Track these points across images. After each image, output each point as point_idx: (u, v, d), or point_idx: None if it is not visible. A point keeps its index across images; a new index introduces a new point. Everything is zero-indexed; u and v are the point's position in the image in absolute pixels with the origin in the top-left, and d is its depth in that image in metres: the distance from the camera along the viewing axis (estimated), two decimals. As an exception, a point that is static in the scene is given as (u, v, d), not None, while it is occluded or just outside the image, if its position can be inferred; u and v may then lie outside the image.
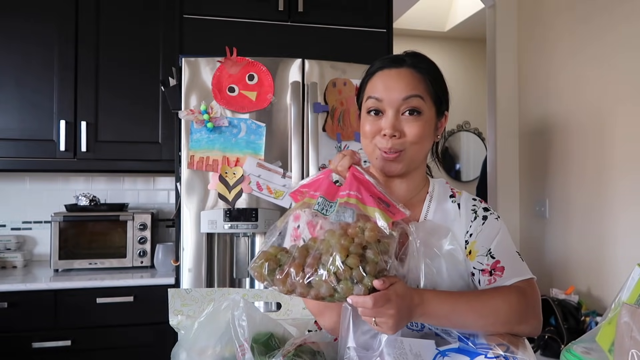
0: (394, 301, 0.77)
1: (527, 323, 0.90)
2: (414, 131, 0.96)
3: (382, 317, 0.77)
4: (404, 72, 0.98)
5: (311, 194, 0.87)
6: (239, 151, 1.99)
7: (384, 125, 0.96)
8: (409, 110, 0.96)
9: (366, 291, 0.76)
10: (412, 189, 1.04)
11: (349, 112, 2.10)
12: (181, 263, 1.99)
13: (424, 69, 0.99)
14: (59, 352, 2.05)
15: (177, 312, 0.89)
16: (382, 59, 1.02)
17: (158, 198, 2.77)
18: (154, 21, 2.39)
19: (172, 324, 0.88)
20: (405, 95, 0.96)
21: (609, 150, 2.22)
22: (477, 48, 4.56)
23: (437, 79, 1.01)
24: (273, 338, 0.82)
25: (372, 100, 0.98)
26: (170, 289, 0.89)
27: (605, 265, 2.25)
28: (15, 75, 2.28)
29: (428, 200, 1.04)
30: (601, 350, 0.70)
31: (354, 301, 0.77)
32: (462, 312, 0.85)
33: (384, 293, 0.77)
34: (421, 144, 0.98)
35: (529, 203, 2.79)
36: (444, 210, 1.02)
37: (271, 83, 2.03)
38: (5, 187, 2.60)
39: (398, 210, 0.85)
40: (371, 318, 0.78)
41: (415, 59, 1.01)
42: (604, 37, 2.24)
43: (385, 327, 0.78)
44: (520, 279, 0.93)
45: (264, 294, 0.99)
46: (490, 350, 0.80)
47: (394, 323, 0.77)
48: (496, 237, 0.97)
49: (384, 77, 0.99)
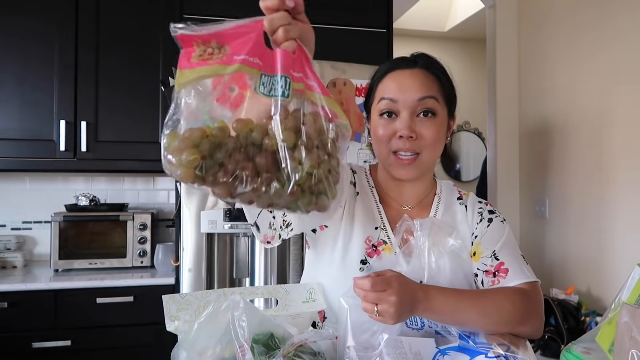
0: (394, 287, 0.77)
1: (529, 324, 0.90)
2: (430, 133, 0.94)
3: (383, 305, 0.77)
4: (417, 73, 0.96)
5: (241, 59, 0.66)
6: (239, 151, 1.99)
7: (399, 127, 0.94)
8: (423, 111, 0.95)
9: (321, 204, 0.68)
10: (422, 192, 1.04)
11: (349, 113, 2.10)
12: (181, 263, 1.99)
13: (436, 70, 0.98)
14: (58, 352, 2.05)
15: (173, 317, 0.88)
16: (393, 60, 1.01)
17: (158, 198, 2.77)
18: (154, 21, 2.39)
19: (170, 329, 0.88)
20: (421, 95, 0.94)
21: (608, 150, 2.22)
22: (477, 48, 4.56)
23: (448, 80, 1.00)
24: (273, 338, 0.81)
25: (386, 102, 0.96)
26: (164, 295, 0.88)
27: (605, 265, 2.25)
28: (16, 75, 2.28)
29: (436, 202, 1.04)
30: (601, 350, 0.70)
31: (353, 283, 0.77)
32: (466, 310, 0.85)
33: (383, 277, 0.77)
34: (436, 146, 0.97)
35: (529, 203, 2.79)
36: (452, 212, 1.02)
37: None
38: (5, 187, 2.60)
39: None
40: (373, 307, 0.77)
41: (427, 60, 1.00)
42: (604, 37, 2.24)
43: (387, 315, 0.77)
44: (524, 281, 0.93)
45: (258, 290, 0.97)
46: (490, 350, 0.80)
47: (395, 311, 0.77)
48: (501, 239, 0.97)
49: (397, 78, 0.97)
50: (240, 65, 0.66)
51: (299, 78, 0.70)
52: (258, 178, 0.64)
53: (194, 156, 0.62)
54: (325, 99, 0.70)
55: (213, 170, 0.63)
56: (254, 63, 0.67)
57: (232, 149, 0.64)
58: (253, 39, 0.68)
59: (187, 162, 0.62)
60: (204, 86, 0.66)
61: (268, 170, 0.64)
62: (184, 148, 0.63)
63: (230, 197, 0.65)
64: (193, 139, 0.63)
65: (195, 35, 0.66)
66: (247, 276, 2.14)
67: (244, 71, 0.66)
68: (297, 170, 0.64)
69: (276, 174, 0.65)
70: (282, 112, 0.66)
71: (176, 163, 0.63)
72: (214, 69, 0.66)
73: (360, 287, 0.77)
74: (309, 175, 0.65)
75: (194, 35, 0.66)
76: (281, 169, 0.64)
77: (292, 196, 0.65)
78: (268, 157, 0.65)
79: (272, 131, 0.65)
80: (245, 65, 0.66)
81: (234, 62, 0.66)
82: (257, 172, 0.64)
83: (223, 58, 0.66)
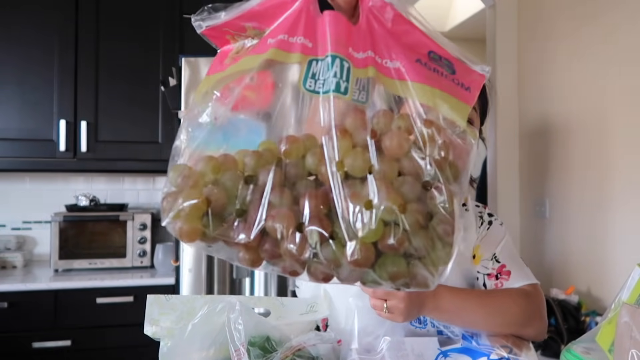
0: None
1: (534, 326, 0.90)
2: None
3: (392, 300, 0.76)
4: None
5: (276, 42, 0.44)
6: (239, 151, 1.99)
7: None
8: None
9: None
10: None
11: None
12: (181, 263, 1.99)
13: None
14: (58, 352, 2.05)
15: (153, 321, 0.85)
16: None
17: (158, 198, 2.77)
18: (155, 21, 2.39)
19: (147, 333, 0.85)
20: None
21: (609, 150, 2.22)
22: (477, 48, 4.55)
23: (483, 90, 0.99)
24: (270, 341, 0.80)
25: None
26: (149, 295, 0.85)
27: (605, 265, 2.25)
28: (16, 75, 2.28)
29: None
30: (601, 350, 0.70)
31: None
32: (473, 309, 0.85)
33: None
34: None
35: (529, 203, 2.79)
36: None
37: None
38: (5, 187, 2.59)
39: (471, 74, 0.45)
40: (382, 304, 0.77)
41: None
42: (604, 37, 2.24)
43: (397, 312, 0.76)
44: (526, 282, 0.93)
45: (252, 301, 0.90)
46: (493, 352, 0.80)
47: (404, 307, 0.76)
48: (501, 242, 0.97)
49: None
50: (274, 50, 0.44)
51: (367, 60, 0.43)
52: (298, 234, 0.39)
53: (194, 200, 0.40)
54: (420, 88, 0.42)
55: (226, 223, 0.40)
56: (296, 45, 0.43)
57: (260, 187, 0.40)
58: (298, 9, 0.44)
59: (188, 210, 0.40)
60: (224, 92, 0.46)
61: (316, 219, 0.38)
62: (182, 188, 0.42)
63: (258, 266, 0.42)
64: (199, 173, 0.42)
65: (223, 23, 0.47)
66: (247, 276, 2.14)
67: (280, 59, 0.44)
68: (361, 219, 0.38)
69: (331, 225, 0.39)
70: (337, 118, 0.40)
71: (173, 214, 0.41)
72: (239, 65, 0.46)
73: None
74: (388, 227, 0.38)
75: (221, 24, 0.47)
76: (338, 218, 0.39)
77: (356, 265, 0.38)
78: (319, 197, 0.39)
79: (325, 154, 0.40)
80: (282, 50, 0.44)
81: (266, 48, 0.45)
82: (299, 224, 0.39)
83: (255, 47, 0.46)
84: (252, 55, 0.45)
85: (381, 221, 0.37)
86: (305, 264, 0.40)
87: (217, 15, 0.46)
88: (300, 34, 0.43)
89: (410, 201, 0.38)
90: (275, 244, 0.40)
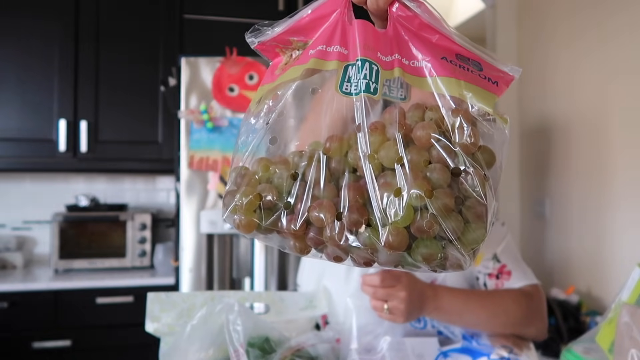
0: (404, 283, 0.76)
1: (535, 326, 0.90)
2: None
3: (393, 301, 0.76)
4: None
5: (316, 53, 0.49)
6: (239, 151, 1.99)
7: None
8: None
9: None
10: None
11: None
12: (181, 263, 1.99)
13: None
14: (59, 352, 2.05)
15: (154, 318, 0.86)
16: None
17: (158, 198, 2.77)
18: (154, 21, 2.39)
19: (148, 330, 0.86)
20: None
21: (608, 150, 2.22)
22: (477, 48, 4.56)
23: None
24: (269, 342, 0.80)
25: None
26: (150, 292, 0.86)
27: (605, 265, 2.24)
28: (16, 75, 2.28)
29: None
30: (601, 350, 0.70)
31: (362, 280, 0.76)
32: (474, 310, 0.85)
33: (392, 272, 0.76)
34: None
35: (529, 203, 2.79)
36: None
37: (271, 83, 2.02)
38: (5, 187, 2.59)
39: (500, 72, 0.47)
40: (382, 305, 0.77)
41: None
42: (605, 37, 2.24)
43: (397, 312, 0.77)
44: (527, 283, 0.93)
45: (250, 296, 0.92)
46: (493, 351, 0.80)
47: (405, 308, 0.76)
48: (502, 242, 0.97)
49: None
50: (314, 60, 0.48)
51: (394, 62, 0.48)
52: (337, 222, 0.43)
53: (250, 195, 0.46)
54: (446, 81, 0.46)
55: (276, 215, 0.46)
56: (333, 53, 0.48)
57: (304, 183, 0.46)
58: (335, 20, 0.50)
59: (243, 205, 0.46)
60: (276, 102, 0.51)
61: (353, 208, 0.43)
62: (239, 186, 0.48)
63: (306, 253, 0.47)
64: (253, 172, 0.48)
65: (272, 39, 0.52)
66: (247, 276, 2.14)
67: (319, 67, 0.48)
68: (392, 206, 0.42)
69: (367, 213, 0.43)
70: (368, 115, 0.46)
71: (231, 209, 0.47)
72: (286, 75, 0.51)
73: (369, 283, 0.77)
74: (418, 212, 0.41)
75: (270, 39, 0.52)
76: (372, 207, 0.43)
77: (391, 248, 0.42)
78: (357, 188, 0.44)
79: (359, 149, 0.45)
80: (320, 58, 0.48)
81: (308, 59, 0.49)
82: (338, 213, 0.44)
83: (299, 58, 0.51)
84: (297, 65, 0.50)
85: (410, 207, 0.42)
86: (347, 250, 0.45)
87: (266, 31, 0.53)
88: (337, 42, 0.49)
89: (439, 187, 0.42)
90: (318, 233, 0.45)
